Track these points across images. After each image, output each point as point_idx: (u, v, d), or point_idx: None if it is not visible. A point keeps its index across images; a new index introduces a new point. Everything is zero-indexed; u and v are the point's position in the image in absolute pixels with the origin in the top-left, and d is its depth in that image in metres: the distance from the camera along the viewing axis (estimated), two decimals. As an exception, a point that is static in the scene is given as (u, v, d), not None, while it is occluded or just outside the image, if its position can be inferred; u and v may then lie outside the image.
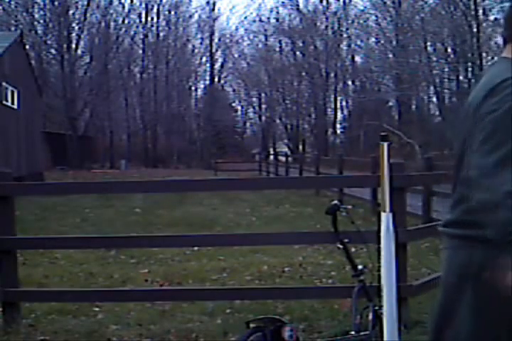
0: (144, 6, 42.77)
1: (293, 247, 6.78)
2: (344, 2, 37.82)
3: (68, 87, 33.15)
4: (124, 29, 39.59)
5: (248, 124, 49.84)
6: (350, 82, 39.42)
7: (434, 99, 30.02)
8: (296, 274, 5.74)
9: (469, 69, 22.95)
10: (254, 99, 45.60)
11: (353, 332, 3.29)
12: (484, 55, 22.06)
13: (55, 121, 36.05)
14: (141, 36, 42.68)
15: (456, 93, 24.79)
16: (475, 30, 21.30)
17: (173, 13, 43.88)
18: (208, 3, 44.77)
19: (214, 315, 4.29)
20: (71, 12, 35.19)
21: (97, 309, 4.51)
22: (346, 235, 3.33)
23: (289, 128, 43.24)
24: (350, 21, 36.60)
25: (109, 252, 6.94)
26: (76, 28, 36.07)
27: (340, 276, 5.41)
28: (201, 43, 45.84)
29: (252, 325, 3.29)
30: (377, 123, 26.68)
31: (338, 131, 42.03)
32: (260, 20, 43.35)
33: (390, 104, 35.54)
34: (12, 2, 34.23)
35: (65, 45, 34.18)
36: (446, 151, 24.59)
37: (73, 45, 35.62)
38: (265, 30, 43.02)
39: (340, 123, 41.74)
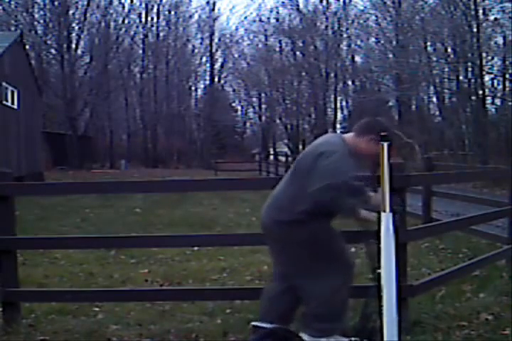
0: (143, 6, 42.82)
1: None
2: (344, 2, 37.78)
3: (68, 87, 33.13)
4: (124, 29, 39.58)
5: (248, 124, 49.85)
6: (350, 82, 39.36)
7: (434, 99, 29.98)
8: (296, 274, 5.73)
9: (469, 69, 22.88)
10: (254, 99, 45.57)
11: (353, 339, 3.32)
12: (484, 55, 21.99)
13: (55, 121, 36.05)
14: (141, 36, 42.67)
15: (456, 93, 24.74)
16: (475, 30, 21.22)
17: (173, 13, 43.89)
18: (207, 3, 44.80)
19: (214, 315, 4.29)
20: (71, 12, 35.17)
21: (97, 309, 4.51)
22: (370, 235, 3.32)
23: (289, 128, 43.21)
24: (350, 21, 36.53)
25: (109, 252, 6.94)
26: (76, 28, 36.05)
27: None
28: (201, 43, 45.86)
29: (260, 330, 3.35)
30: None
31: (338, 131, 41.99)
32: (260, 20, 43.35)
33: (390, 104, 35.51)
34: (12, 2, 34.21)
35: (65, 45, 34.15)
36: (446, 151, 24.60)
37: (73, 45, 35.60)
38: (265, 30, 42.98)
39: (340, 123, 41.70)
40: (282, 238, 3.37)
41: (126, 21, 40.13)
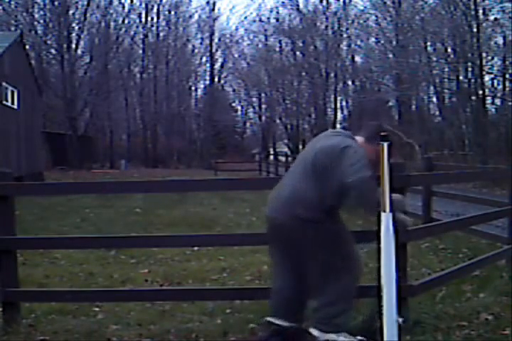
0: (143, 6, 42.83)
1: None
2: (344, 2, 37.78)
3: (68, 87, 33.13)
4: (124, 29, 39.57)
5: (248, 124, 49.90)
6: (350, 82, 39.35)
7: (434, 99, 29.98)
8: (296, 274, 5.72)
9: (469, 69, 22.88)
10: (254, 99, 45.59)
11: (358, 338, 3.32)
12: (484, 55, 21.98)
13: (55, 121, 36.04)
14: (141, 36, 42.68)
15: (456, 93, 24.73)
16: (475, 30, 21.23)
17: (173, 13, 43.91)
18: (207, 3, 44.84)
19: (214, 315, 4.28)
20: (71, 12, 35.15)
21: (97, 309, 4.51)
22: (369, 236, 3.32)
23: (289, 128, 43.22)
24: (350, 21, 36.52)
25: (109, 252, 6.94)
26: (76, 28, 36.04)
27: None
28: (201, 43, 45.89)
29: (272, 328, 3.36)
30: (377, 123, 26.67)
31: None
32: (260, 20, 43.39)
33: (390, 104, 35.51)
34: (12, 2, 34.19)
35: (65, 45, 34.14)
36: (446, 151, 24.60)
37: (73, 45, 35.58)
38: (265, 30, 43.00)
39: (340, 123, 41.72)
40: (301, 235, 3.32)
41: (126, 21, 40.16)
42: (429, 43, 25.75)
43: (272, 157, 41.43)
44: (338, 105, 40.90)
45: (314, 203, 3.27)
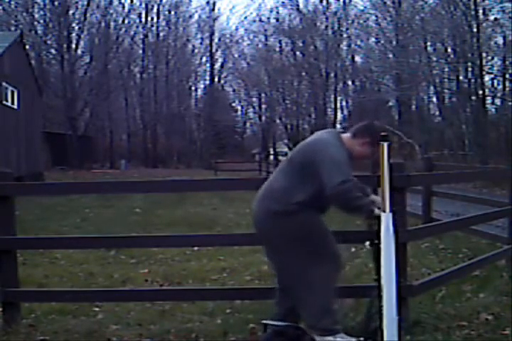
0: (143, 6, 42.88)
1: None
2: (344, 2, 37.79)
3: (68, 87, 33.15)
4: (124, 29, 39.63)
5: (248, 124, 49.91)
6: (350, 82, 39.36)
7: (434, 99, 29.99)
8: (296, 274, 5.71)
9: (469, 69, 22.90)
10: (254, 99, 45.58)
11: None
12: (484, 55, 22.00)
13: (55, 121, 36.04)
14: (141, 36, 42.72)
15: (456, 93, 24.74)
16: (475, 30, 21.25)
17: (173, 13, 43.94)
18: (207, 3, 44.88)
19: (214, 315, 4.28)
20: (71, 12, 35.20)
21: (97, 309, 4.51)
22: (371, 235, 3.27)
23: (289, 128, 43.22)
24: (350, 21, 36.55)
25: (109, 252, 6.94)
26: (76, 28, 36.09)
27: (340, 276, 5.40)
28: (201, 43, 45.93)
29: (272, 329, 3.34)
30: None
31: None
32: (260, 20, 43.42)
33: (390, 104, 35.49)
34: (12, 2, 34.22)
35: (65, 45, 34.18)
36: (446, 151, 24.61)
37: (73, 45, 35.64)
38: (265, 30, 43.02)
39: (340, 123, 41.71)
40: (272, 228, 3.34)
41: (126, 21, 40.22)
42: (429, 43, 25.77)
43: (272, 157, 41.45)
44: (338, 105, 40.94)
45: (284, 196, 3.29)
